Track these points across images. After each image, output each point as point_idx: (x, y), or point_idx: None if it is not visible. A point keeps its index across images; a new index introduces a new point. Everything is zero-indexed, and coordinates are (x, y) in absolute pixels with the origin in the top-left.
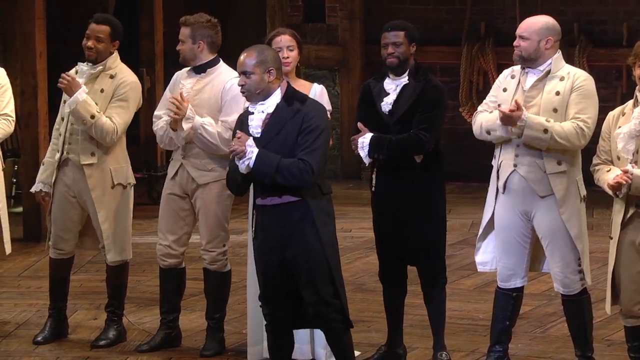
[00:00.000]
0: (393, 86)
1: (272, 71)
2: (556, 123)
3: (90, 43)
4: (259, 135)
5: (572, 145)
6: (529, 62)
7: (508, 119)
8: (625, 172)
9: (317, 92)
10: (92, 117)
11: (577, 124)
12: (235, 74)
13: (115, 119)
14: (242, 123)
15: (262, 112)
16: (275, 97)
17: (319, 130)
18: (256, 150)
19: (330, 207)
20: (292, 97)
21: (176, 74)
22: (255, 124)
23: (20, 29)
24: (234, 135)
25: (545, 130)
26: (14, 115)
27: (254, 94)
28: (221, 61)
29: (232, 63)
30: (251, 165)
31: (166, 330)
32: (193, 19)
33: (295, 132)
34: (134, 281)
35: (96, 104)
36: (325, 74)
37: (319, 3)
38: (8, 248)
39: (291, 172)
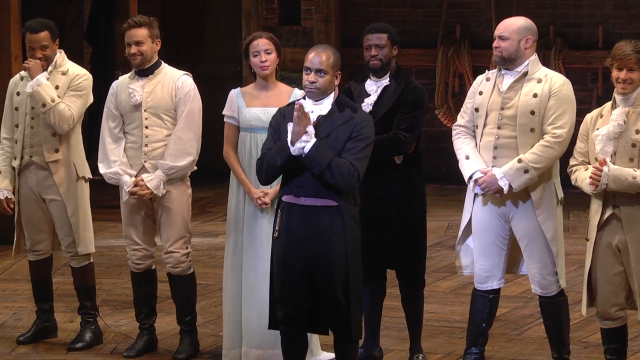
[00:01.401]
0: (374, 87)
1: (339, 75)
2: (528, 153)
3: (38, 54)
4: None
5: (554, 158)
6: (509, 62)
7: (489, 188)
8: (603, 162)
9: (298, 96)
10: (53, 100)
11: (547, 139)
12: (180, 72)
13: (71, 107)
14: (283, 117)
15: (312, 112)
16: (330, 100)
17: (369, 141)
18: (314, 139)
19: (358, 218)
20: (343, 103)
21: (114, 84)
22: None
23: None
24: (274, 137)
25: (526, 170)
26: None
27: (322, 93)
28: (162, 61)
29: (208, 66)
30: (306, 150)
31: (148, 334)
32: (145, 18)
33: (344, 139)
34: (110, 284)
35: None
36: (301, 77)
37: (295, 6)
38: None
39: (341, 172)
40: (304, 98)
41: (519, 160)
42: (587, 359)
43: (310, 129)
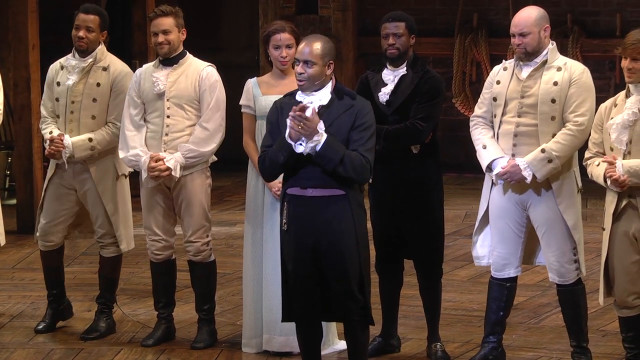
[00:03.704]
0: (391, 77)
1: (331, 65)
2: (551, 142)
3: (81, 33)
4: None
5: (577, 146)
6: (533, 55)
7: (512, 178)
8: (611, 163)
9: None
10: (93, 148)
11: (570, 127)
12: (204, 63)
13: (118, 117)
14: (281, 110)
15: (311, 103)
16: (327, 90)
17: (373, 129)
18: (325, 135)
19: (364, 204)
20: (341, 91)
21: (138, 72)
22: (306, 114)
23: (13, 21)
24: (272, 132)
25: (550, 160)
26: (2, 109)
27: (312, 85)
28: (187, 52)
29: (225, 54)
30: (318, 148)
31: (166, 323)
32: (171, 8)
33: (347, 127)
34: (128, 273)
35: (94, 99)
36: None
37: None
38: (2, 240)
39: (354, 165)
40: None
41: (542, 150)
42: (606, 348)
43: (321, 126)
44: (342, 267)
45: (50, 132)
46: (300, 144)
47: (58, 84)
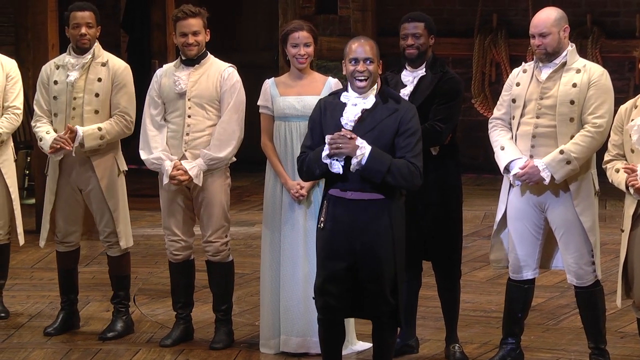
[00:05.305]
0: (410, 78)
1: (380, 64)
2: (569, 144)
3: (83, 30)
4: (350, 129)
5: (595, 148)
6: (553, 55)
7: (530, 179)
8: (633, 171)
9: (332, 85)
10: (102, 137)
11: (588, 129)
12: (226, 64)
13: (128, 109)
14: (324, 109)
15: (355, 105)
16: (372, 92)
17: (419, 134)
18: (369, 148)
19: (404, 209)
20: (386, 95)
21: (158, 71)
22: (349, 116)
23: (33, 20)
24: (313, 131)
25: (568, 161)
26: (22, 108)
27: (373, 82)
28: (208, 52)
29: (244, 55)
30: (363, 162)
31: (184, 324)
32: (197, 8)
33: (391, 131)
34: (146, 273)
35: (97, 94)
36: (337, 66)
37: None
38: (21, 239)
39: (402, 173)
40: (345, 90)
41: (561, 152)
42: (624, 349)
43: (360, 142)
44: (376, 270)
45: (47, 132)
46: (337, 160)
47: (55, 82)
